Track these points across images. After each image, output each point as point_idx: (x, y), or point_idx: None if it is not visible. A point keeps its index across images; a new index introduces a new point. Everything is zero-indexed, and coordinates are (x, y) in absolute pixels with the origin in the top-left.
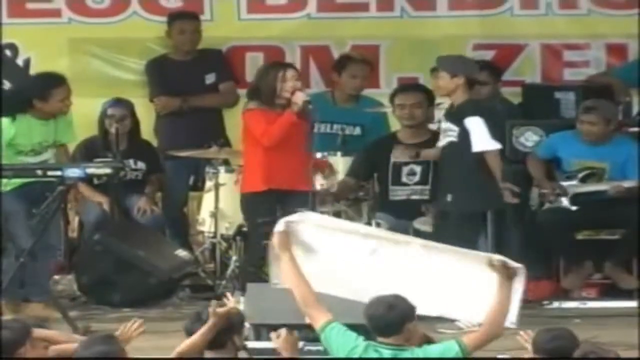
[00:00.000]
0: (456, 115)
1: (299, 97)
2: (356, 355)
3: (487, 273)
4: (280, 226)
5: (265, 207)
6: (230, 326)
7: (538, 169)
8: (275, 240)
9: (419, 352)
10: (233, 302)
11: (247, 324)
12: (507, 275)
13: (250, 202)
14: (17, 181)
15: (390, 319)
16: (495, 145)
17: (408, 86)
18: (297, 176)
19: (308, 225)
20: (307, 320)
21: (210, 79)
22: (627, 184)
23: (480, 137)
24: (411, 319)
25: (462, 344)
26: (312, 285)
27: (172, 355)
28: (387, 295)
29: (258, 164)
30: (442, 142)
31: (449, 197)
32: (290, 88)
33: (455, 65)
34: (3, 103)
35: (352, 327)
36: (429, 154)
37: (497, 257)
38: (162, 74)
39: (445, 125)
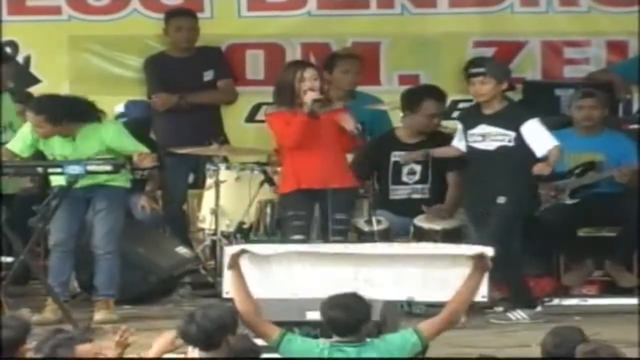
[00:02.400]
0: (510, 119)
1: (308, 97)
2: (324, 358)
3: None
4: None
5: (299, 206)
6: (224, 326)
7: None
8: (227, 258)
9: (379, 344)
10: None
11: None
12: (482, 267)
13: (284, 203)
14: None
15: (348, 322)
16: (556, 141)
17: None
18: (327, 174)
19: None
20: (308, 317)
21: (208, 76)
22: (627, 165)
23: (544, 138)
24: (367, 320)
25: (419, 332)
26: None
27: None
28: (342, 295)
29: (288, 165)
30: (489, 146)
31: (502, 200)
32: (307, 87)
33: (502, 71)
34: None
35: (301, 325)
36: (447, 152)
37: (476, 248)
38: (160, 71)
39: (491, 129)
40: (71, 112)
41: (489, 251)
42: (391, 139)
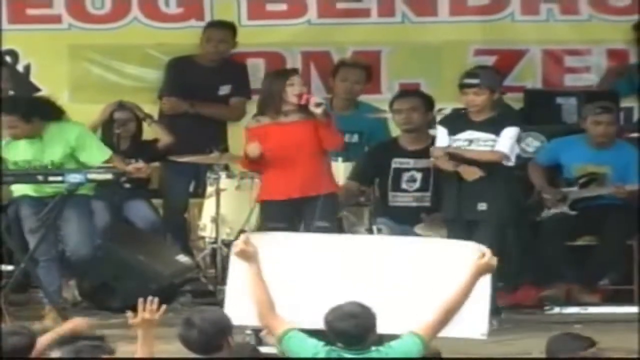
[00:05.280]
0: (500, 126)
1: (312, 105)
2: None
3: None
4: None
5: (279, 217)
6: (223, 328)
7: (539, 176)
8: (239, 250)
9: (383, 352)
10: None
11: (248, 330)
12: (484, 268)
13: (264, 213)
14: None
15: (355, 333)
16: (506, 150)
17: (405, 92)
18: (307, 182)
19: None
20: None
21: (224, 90)
22: (629, 187)
23: (503, 142)
24: (373, 330)
25: (421, 338)
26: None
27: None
28: (348, 305)
29: (268, 174)
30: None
31: (482, 206)
32: (297, 92)
33: (496, 81)
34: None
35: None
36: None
37: (482, 249)
38: (178, 75)
39: (480, 135)
40: (39, 110)
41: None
42: (392, 146)
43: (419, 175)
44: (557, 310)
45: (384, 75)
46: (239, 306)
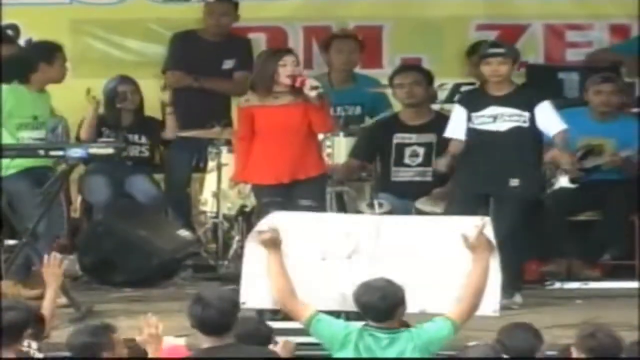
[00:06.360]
0: (524, 100)
1: (307, 88)
2: (352, 342)
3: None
4: (264, 226)
5: (273, 192)
6: (237, 305)
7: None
8: (263, 237)
9: (414, 333)
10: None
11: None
12: (485, 246)
13: (257, 192)
14: (20, 163)
15: (384, 306)
16: (564, 125)
17: (405, 66)
18: (296, 166)
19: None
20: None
21: (228, 64)
22: (624, 153)
23: (555, 121)
24: (402, 303)
25: (453, 321)
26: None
27: None
28: (377, 280)
29: (257, 155)
30: (501, 127)
31: (515, 182)
32: (289, 73)
33: (517, 53)
34: (6, 68)
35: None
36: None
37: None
38: (183, 49)
39: (504, 110)
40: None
41: (488, 229)
42: (394, 121)
43: (421, 150)
44: (558, 285)
45: (386, 50)
46: (255, 289)
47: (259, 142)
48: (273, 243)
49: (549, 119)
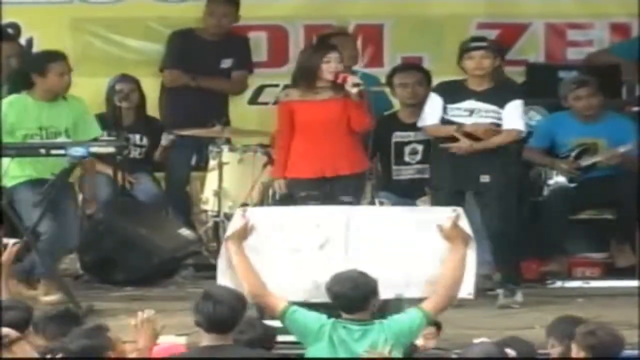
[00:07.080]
0: (502, 97)
1: (349, 85)
2: (325, 334)
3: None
4: (237, 219)
5: (311, 186)
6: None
7: (541, 156)
8: (229, 232)
9: (386, 325)
10: None
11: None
12: (461, 237)
13: (294, 186)
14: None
15: (356, 297)
16: (521, 127)
17: (406, 65)
18: (337, 161)
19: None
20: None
21: (226, 63)
22: (622, 148)
23: (514, 118)
24: (375, 294)
25: (425, 312)
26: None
27: None
28: (350, 272)
29: (297, 150)
30: (478, 122)
31: (485, 178)
32: (333, 69)
33: (498, 48)
34: (8, 82)
35: (308, 306)
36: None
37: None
38: (181, 48)
39: (481, 105)
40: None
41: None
42: (392, 119)
43: (420, 148)
44: (559, 284)
45: (387, 49)
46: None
47: (299, 136)
48: (243, 236)
49: (511, 115)
